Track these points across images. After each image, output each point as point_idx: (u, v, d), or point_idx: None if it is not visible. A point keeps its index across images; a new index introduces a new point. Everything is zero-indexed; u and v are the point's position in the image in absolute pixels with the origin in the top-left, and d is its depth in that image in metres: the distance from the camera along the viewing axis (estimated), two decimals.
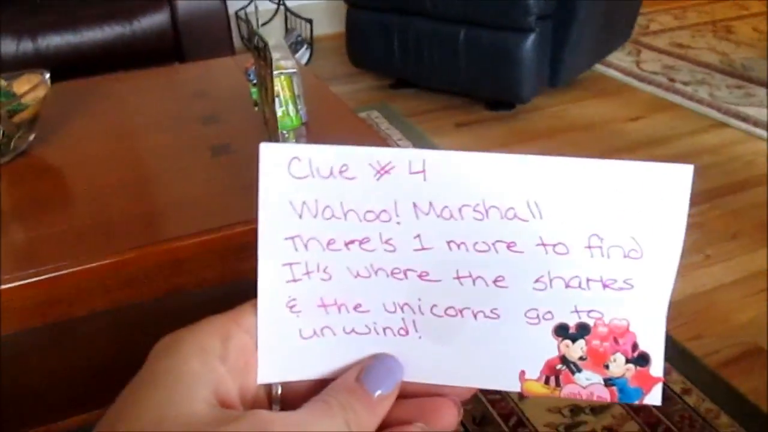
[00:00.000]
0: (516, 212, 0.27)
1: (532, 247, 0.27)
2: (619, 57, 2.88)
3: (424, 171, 0.27)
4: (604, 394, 0.28)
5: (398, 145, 2.20)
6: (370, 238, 0.27)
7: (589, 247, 0.27)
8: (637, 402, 0.28)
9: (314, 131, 0.97)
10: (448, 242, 0.27)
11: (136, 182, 0.94)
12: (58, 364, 1.00)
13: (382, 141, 1.82)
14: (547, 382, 0.28)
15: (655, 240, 0.26)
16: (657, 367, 0.28)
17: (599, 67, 2.76)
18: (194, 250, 0.80)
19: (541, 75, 2.31)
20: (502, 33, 2.19)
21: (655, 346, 0.28)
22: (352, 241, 0.28)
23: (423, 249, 0.27)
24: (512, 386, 0.29)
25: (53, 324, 0.80)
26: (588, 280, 0.27)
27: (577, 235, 0.27)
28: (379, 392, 0.27)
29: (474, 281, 0.28)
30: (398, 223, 0.27)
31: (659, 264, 0.27)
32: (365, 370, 0.28)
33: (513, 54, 2.19)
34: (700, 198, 1.83)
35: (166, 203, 0.91)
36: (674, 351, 1.30)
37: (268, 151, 0.27)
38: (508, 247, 0.27)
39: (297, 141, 0.93)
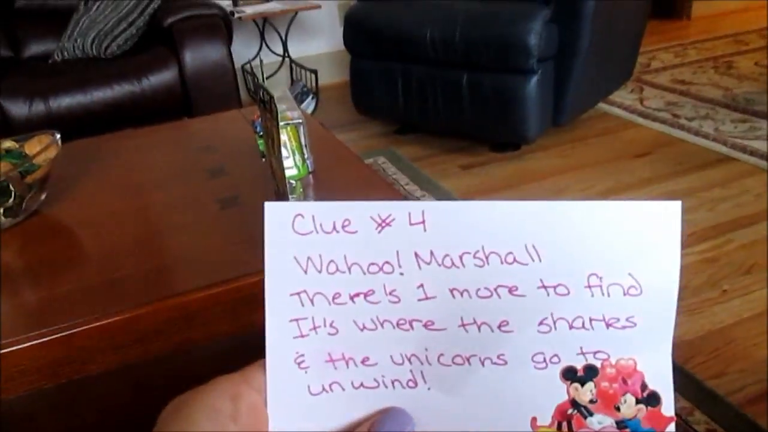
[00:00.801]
0: (515, 257, 0.27)
1: (533, 290, 0.27)
2: (622, 95, 2.91)
3: (423, 221, 0.27)
4: None
5: (406, 190, 2.21)
6: (374, 290, 0.28)
7: (589, 286, 0.27)
8: None
9: (322, 180, 0.98)
10: (451, 290, 0.28)
11: (145, 238, 0.94)
12: (71, 424, 0.99)
13: (389, 187, 1.83)
14: (559, 428, 0.28)
15: (653, 276, 0.27)
16: (668, 406, 0.27)
17: (603, 106, 2.78)
18: (205, 304, 0.80)
19: (545, 115, 2.33)
20: (504, 76, 2.23)
21: (664, 385, 0.27)
22: (357, 294, 0.28)
23: (427, 298, 0.28)
24: None
25: (64, 384, 0.80)
26: (591, 319, 0.27)
27: (577, 276, 0.27)
28: None
29: (479, 328, 0.28)
30: (401, 273, 0.28)
31: (659, 300, 0.27)
32: (376, 424, 0.28)
33: (516, 96, 2.22)
34: (712, 232, 1.81)
35: (175, 257, 0.92)
36: (697, 390, 1.27)
37: (272, 210, 0.28)
38: (510, 291, 0.27)
39: (304, 190, 0.94)
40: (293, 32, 3.21)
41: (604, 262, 0.27)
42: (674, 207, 0.26)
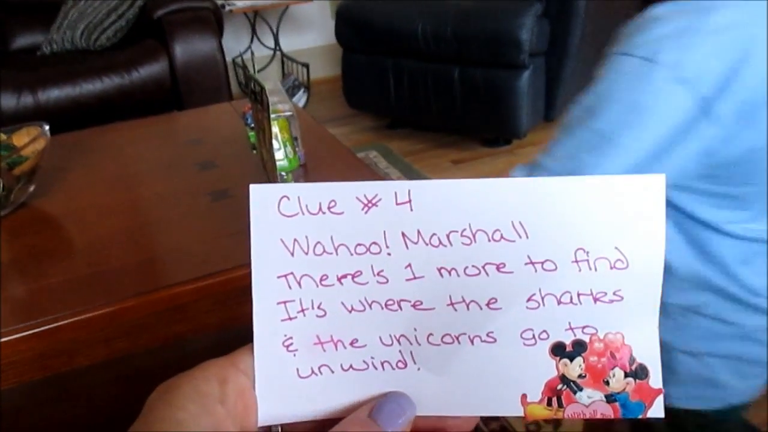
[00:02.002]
0: (502, 234, 0.27)
1: (521, 267, 0.27)
2: None
3: (409, 201, 0.27)
4: (607, 411, 0.28)
5: None
6: (362, 271, 0.28)
7: (576, 261, 0.27)
8: (640, 416, 0.28)
9: (313, 172, 0.98)
10: (439, 269, 0.27)
11: (135, 230, 0.94)
12: (59, 416, 0.99)
13: (381, 180, 1.83)
14: (549, 404, 0.28)
15: (639, 249, 0.27)
16: (656, 378, 0.28)
17: None
18: (194, 296, 0.80)
19: (537, 110, 2.33)
20: (495, 71, 2.23)
21: (651, 358, 0.28)
22: (344, 276, 0.28)
23: (415, 278, 0.28)
24: (514, 411, 0.28)
25: (53, 376, 0.79)
26: (579, 294, 0.27)
27: (564, 251, 0.27)
28: (391, 430, 0.27)
29: (467, 306, 0.28)
30: (389, 254, 0.27)
31: (645, 273, 0.27)
32: (378, 406, 0.28)
33: (508, 91, 2.22)
34: None
35: (165, 250, 0.91)
36: None
37: (258, 192, 0.28)
38: (498, 268, 0.27)
39: (295, 182, 0.93)
40: (285, 26, 3.19)
41: (590, 236, 0.27)
42: (658, 180, 0.26)
